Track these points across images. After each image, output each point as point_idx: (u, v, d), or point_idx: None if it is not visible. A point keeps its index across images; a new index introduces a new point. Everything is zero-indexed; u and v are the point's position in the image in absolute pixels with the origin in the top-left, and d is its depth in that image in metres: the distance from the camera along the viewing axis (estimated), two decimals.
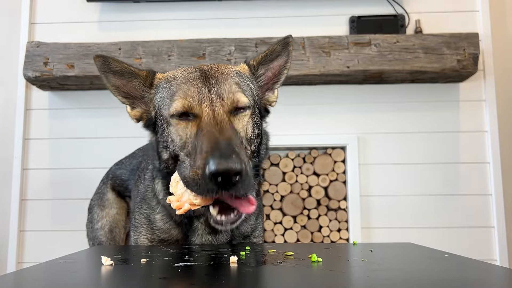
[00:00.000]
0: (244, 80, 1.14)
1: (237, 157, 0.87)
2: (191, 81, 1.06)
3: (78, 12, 2.73)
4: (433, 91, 2.61)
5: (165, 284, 0.72)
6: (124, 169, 1.81)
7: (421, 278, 0.75)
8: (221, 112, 1.01)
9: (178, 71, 1.13)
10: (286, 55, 1.26)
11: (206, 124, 0.98)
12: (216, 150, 0.88)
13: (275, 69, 1.27)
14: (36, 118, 2.67)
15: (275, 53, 1.25)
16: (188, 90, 1.04)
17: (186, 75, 1.09)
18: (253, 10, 2.70)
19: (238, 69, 1.17)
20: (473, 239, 2.50)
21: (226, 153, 0.87)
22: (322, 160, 2.56)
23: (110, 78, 1.19)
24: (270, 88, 1.28)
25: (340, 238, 2.52)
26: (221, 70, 1.10)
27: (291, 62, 1.28)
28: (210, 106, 1.01)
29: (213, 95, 1.03)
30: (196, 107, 1.02)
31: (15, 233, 2.55)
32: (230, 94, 1.04)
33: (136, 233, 1.28)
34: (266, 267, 0.87)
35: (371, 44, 2.42)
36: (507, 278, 0.77)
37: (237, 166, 0.85)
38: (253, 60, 1.23)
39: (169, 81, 1.12)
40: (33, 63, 2.44)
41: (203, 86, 1.04)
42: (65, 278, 0.77)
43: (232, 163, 0.85)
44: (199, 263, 0.87)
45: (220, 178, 0.85)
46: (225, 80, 1.07)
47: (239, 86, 1.08)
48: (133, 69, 1.18)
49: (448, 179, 2.56)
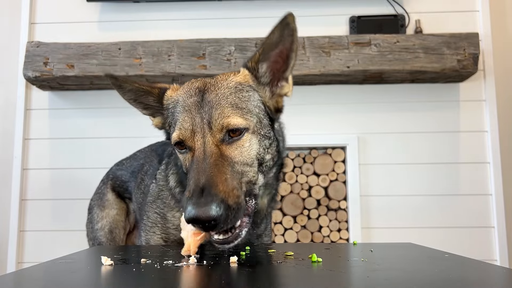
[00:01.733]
0: (244, 94, 1.07)
1: (212, 203, 0.87)
2: (187, 110, 1.05)
3: (78, 12, 2.73)
4: (433, 91, 2.61)
5: (165, 284, 0.72)
6: (124, 170, 1.81)
7: (421, 278, 0.75)
8: (210, 144, 1.00)
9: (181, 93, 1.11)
10: (289, 36, 1.12)
11: (196, 159, 0.99)
12: (193, 195, 0.90)
13: (281, 56, 1.14)
14: (36, 118, 2.67)
15: (274, 41, 1.11)
16: (184, 122, 1.03)
17: (185, 100, 1.07)
18: (253, 10, 2.70)
19: (238, 80, 1.10)
20: (473, 239, 2.50)
21: (201, 200, 0.88)
22: (322, 160, 2.56)
23: (125, 95, 1.22)
24: (281, 78, 1.18)
25: (340, 238, 2.52)
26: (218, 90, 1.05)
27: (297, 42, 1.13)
28: (202, 138, 1.01)
29: (205, 126, 1.01)
30: (189, 140, 1.02)
31: (15, 233, 2.55)
32: (218, 121, 1.00)
33: (149, 233, 1.27)
34: (266, 267, 0.87)
35: (371, 44, 2.42)
36: (507, 278, 0.77)
37: (211, 213, 0.86)
38: (251, 62, 1.13)
39: (174, 106, 1.11)
40: (33, 63, 2.44)
41: (197, 114, 1.02)
42: (65, 278, 0.77)
43: (204, 211, 0.86)
44: (199, 263, 0.87)
45: (197, 223, 0.88)
46: (218, 104, 1.02)
47: (234, 108, 1.03)
48: (144, 87, 1.19)
49: (448, 179, 2.56)
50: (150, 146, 1.83)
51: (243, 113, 1.04)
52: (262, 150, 1.08)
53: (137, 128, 2.61)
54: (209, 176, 0.93)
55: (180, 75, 2.42)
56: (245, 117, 1.03)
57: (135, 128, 2.62)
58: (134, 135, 2.59)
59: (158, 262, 0.88)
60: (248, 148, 1.04)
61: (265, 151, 1.09)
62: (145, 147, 1.86)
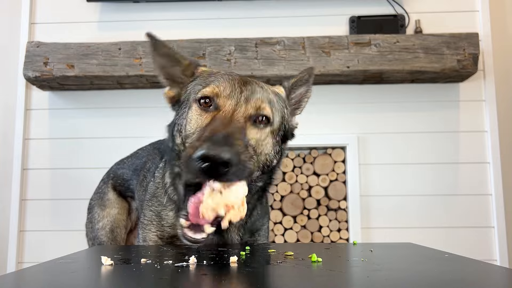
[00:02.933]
0: (279, 99, 1.16)
1: (230, 147, 0.86)
2: (230, 79, 1.08)
3: (78, 12, 2.73)
4: (433, 91, 2.61)
5: (165, 284, 0.72)
6: (126, 168, 1.81)
7: (421, 278, 0.75)
8: (240, 114, 1.02)
9: (221, 71, 1.16)
10: (306, 85, 1.31)
11: (219, 117, 0.99)
12: (212, 137, 0.89)
13: (298, 97, 1.32)
14: (36, 118, 2.67)
15: (301, 80, 1.29)
16: (223, 83, 1.06)
17: (227, 74, 1.12)
18: (253, 10, 2.70)
19: (276, 90, 1.20)
20: (473, 239, 2.50)
21: (220, 141, 0.87)
22: (322, 160, 2.56)
23: (156, 58, 1.23)
24: (294, 114, 1.32)
25: (340, 238, 2.52)
26: (261, 84, 1.13)
27: (311, 92, 1.34)
28: (234, 105, 1.03)
29: (242, 98, 1.04)
30: (222, 99, 1.03)
31: (15, 233, 2.55)
32: (257, 101, 1.05)
33: (145, 230, 1.28)
34: (266, 267, 0.87)
35: (371, 44, 2.42)
36: (507, 278, 0.77)
37: (227, 155, 0.84)
38: (288, 83, 1.27)
39: (210, 74, 1.14)
40: (33, 63, 2.44)
41: (238, 87, 1.06)
42: (65, 278, 0.77)
43: (222, 151, 0.84)
44: (199, 263, 0.87)
45: (207, 163, 0.84)
46: (261, 91, 1.08)
47: (269, 102, 1.09)
48: (177, 56, 1.22)
49: (448, 179, 2.56)
50: (152, 144, 1.83)
51: (273, 111, 1.10)
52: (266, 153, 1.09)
53: (137, 128, 2.61)
54: (230, 131, 0.94)
55: None
56: (274, 115, 1.09)
57: (135, 128, 2.62)
58: (134, 135, 2.59)
59: (158, 262, 0.88)
60: (264, 139, 1.07)
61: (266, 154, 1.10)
62: (147, 145, 1.86)
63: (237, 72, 2.50)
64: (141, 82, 2.52)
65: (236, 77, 1.11)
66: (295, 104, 1.31)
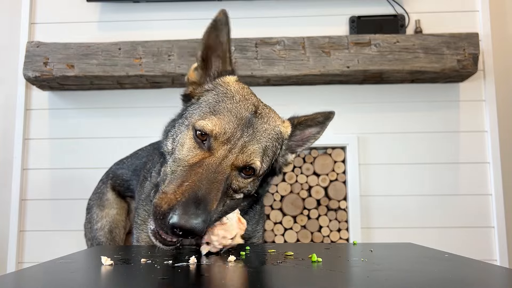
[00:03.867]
0: (275, 145, 1.12)
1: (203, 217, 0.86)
2: (238, 117, 1.03)
3: (78, 12, 2.73)
4: (433, 91, 2.61)
5: (165, 284, 0.72)
6: (125, 168, 1.81)
7: (421, 278, 0.75)
8: (229, 163, 0.99)
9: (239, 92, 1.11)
10: (321, 127, 1.31)
11: (207, 166, 0.97)
12: (189, 204, 0.87)
13: (306, 134, 1.30)
14: (36, 118, 2.67)
15: (315, 121, 1.28)
16: (227, 123, 1.01)
17: (239, 105, 1.06)
18: (253, 10, 2.70)
19: (282, 130, 1.15)
20: (473, 239, 2.50)
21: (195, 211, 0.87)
22: (322, 160, 2.56)
23: (211, 36, 1.20)
24: (292, 150, 1.28)
25: (340, 238, 2.52)
26: (265, 124, 1.08)
27: (321, 135, 1.32)
28: (227, 152, 1.00)
29: (239, 145, 1.01)
30: (217, 143, 1.00)
31: (15, 233, 2.55)
32: (251, 155, 1.02)
33: (138, 230, 1.28)
34: (266, 267, 0.87)
35: (371, 44, 2.42)
36: (507, 278, 0.77)
37: (199, 227, 0.85)
38: (296, 120, 1.24)
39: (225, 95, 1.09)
40: (33, 63, 2.44)
41: (239, 130, 1.02)
42: (65, 278, 0.77)
43: (194, 224, 0.85)
44: (199, 263, 0.87)
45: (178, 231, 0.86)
46: (260, 138, 1.05)
47: (263, 153, 1.06)
48: (228, 55, 1.20)
49: (448, 179, 2.56)
50: (152, 144, 1.83)
51: (264, 159, 1.07)
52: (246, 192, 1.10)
53: (137, 128, 2.61)
54: (211, 190, 0.93)
55: (180, 75, 2.42)
56: (263, 164, 1.07)
57: (135, 128, 2.62)
58: (134, 135, 2.59)
59: (158, 262, 0.88)
60: (245, 186, 1.07)
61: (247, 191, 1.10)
62: (147, 145, 1.86)
63: (239, 73, 2.48)
64: (141, 82, 2.52)
65: (246, 113, 1.05)
66: (298, 141, 1.28)
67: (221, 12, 1.17)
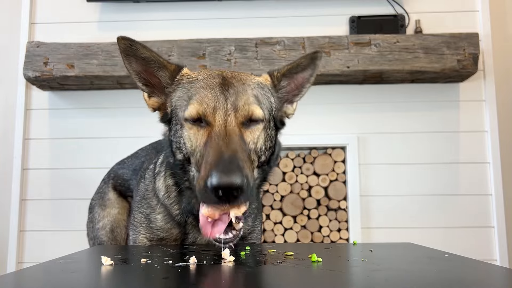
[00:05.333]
0: (264, 92, 1.13)
1: (239, 172, 0.88)
2: (211, 87, 1.05)
3: (78, 12, 2.73)
4: (433, 91, 2.61)
5: (165, 284, 0.72)
6: (126, 168, 1.81)
7: (421, 278, 0.75)
8: (233, 124, 1.01)
9: (201, 74, 1.13)
10: (312, 69, 1.26)
11: (216, 134, 0.98)
12: (219, 163, 0.89)
13: (299, 81, 1.28)
14: (36, 118, 2.67)
15: (300, 66, 1.25)
16: (205, 97, 1.04)
17: (207, 79, 1.08)
18: (253, 10, 2.70)
19: (260, 80, 1.16)
20: (473, 239, 2.50)
21: (229, 167, 0.88)
22: (322, 160, 2.56)
23: (132, 63, 1.16)
24: (290, 100, 1.29)
25: (340, 238, 2.52)
26: (243, 80, 1.10)
27: (315, 77, 1.28)
28: (224, 116, 1.01)
29: (229, 105, 1.03)
30: (209, 115, 1.02)
31: (15, 233, 2.55)
32: (245, 106, 1.04)
33: (134, 232, 1.28)
34: (266, 267, 0.87)
35: (371, 44, 2.42)
36: (507, 278, 0.77)
37: (238, 181, 0.86)
38: (277, 72, 1.22)
39: (190, 82, 1.11)
40: (33, 63, 2.44)
41: (221, 94, 1.04)
42: (65, 278, 0.77)
43: (233, 178, 0.86)
44: (199, 263, 0.87)
45: (221, 192, 0.87)
46: (244, 91, 1.06)
47: (256, 99, 1.08)
48: (161, 60, 1.16)
49: (448, 179, 2.56)
50: (151, 144, 1.83)
51: (262, 107, 1.09)
52: (264, 148, 1.10)
53: (137, 128, 2.61)
54: (233, 149, 0.94)
55: None
56: (264, 111, 1.09)
57: (135, 128, 2.62)
58: (134, 135, 2.59)
59: (158, 262, 0.88)
60: (259, 138, 1.08)
61: (265, 149, 1.11)
62: (147, 145, 1.86)
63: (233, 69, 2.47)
64: None
65: (216, 80, 1.07)
66: (293, 90, 1.28)
67: (120, 40, 1.14)
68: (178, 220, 1.22)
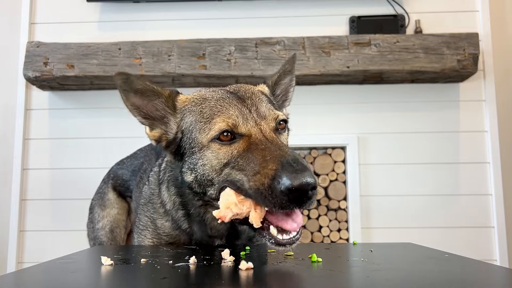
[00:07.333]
0: (269, 99, 1.14)
1: (309, 171, 0.84)
2: (228, 103, 1.02)
3: (78, 12, 2.73)
4: (433, 91, 2.61)
5: (165, 284, 0.72)
6: (125, 169, 1.81)
7: (421, 278, 0.75)
8: (268, 130, 0.99)
9: (205, 93, 1.10)
10: (290, 75, 1.29)
11: (259, 141, 0.95)
12: (285, 165, 0.85)
13: (284, 87, 1.30)
14: (36, 118, 2.67)
15: (286, 72, 1.27)
16: (228, 111, 1.00)
17: (217, 96, 1.06)
18: (253, 10, 2.70)
19: (260, 89, 1.17)
20: (473, 239, 2.50)
21: (298, 168, 0.84)
22: (322, 160, 2.56)
23: (130, 97, 1.12)
24: (281, 107, 1.30)
25: (340, 238, 2.52)
26: (250, 91, 1.09)
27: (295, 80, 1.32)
28: (256, 126, 0.99)
29: (255, 115, 1.01)
30: (242, 126, 0.98)
31: (15, 233, 2.55)
32: (270, 112, 1.03)
33: (140, 235, 1.27)
34: (266, 267, 0.87)
35: (371, 44, 2.42)
36: (507, 278, 0.77)
37: (312, 180, 0.82)
38: (271, 81, 1.24)
39: (198, 104, 1.07)
40: (33, 63, 2.44)
41: (242, 107, 1.02)
42: (65, 278, 0.77)
43: (307, 177, 0.82)
44: (199, 263, 0.87)
45: (297, 193, 0.82)
46: (259, 100, 1.06)
47: (272, 105, 1.08)
48: (155, 88, 1.12)
49: (448, 179, 2.56)
50: (150, 145, 1.83)
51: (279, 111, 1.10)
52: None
53: (137, 128, 2.59)
54: (289, 152, 0.90)
55: (180, 75, 2.43)
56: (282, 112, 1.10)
57: (135, 128, 2.60)
58: (134, 135, 2.58)
59: (158, 262, 0.88)
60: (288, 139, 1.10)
61: None
62: (146, 145, 1.86)
63: (236, 73, 2.47)
64: None
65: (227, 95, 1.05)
66: (282, 96, 1.30)
67: (116, 76, 1.08)
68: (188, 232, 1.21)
